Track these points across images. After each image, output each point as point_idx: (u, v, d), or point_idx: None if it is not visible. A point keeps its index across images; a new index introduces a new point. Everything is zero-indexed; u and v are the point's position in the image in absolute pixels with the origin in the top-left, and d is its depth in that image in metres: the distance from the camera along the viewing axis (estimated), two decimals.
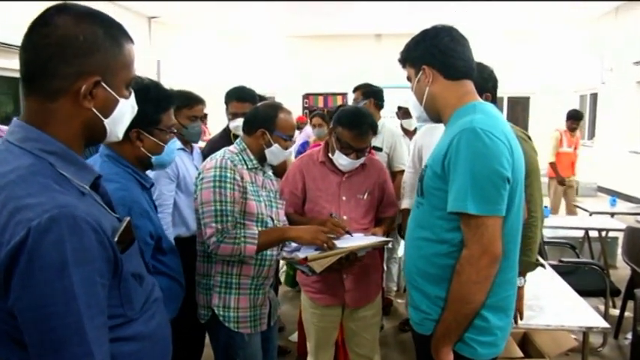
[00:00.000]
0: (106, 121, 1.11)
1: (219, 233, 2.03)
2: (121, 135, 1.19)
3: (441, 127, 1.79)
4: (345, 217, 2.50)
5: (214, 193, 2.04)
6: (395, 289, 4.78)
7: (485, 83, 1.76)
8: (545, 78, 12.74)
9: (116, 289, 1.06)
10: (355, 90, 4.16)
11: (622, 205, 7.23)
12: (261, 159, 2.24)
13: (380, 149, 3.80)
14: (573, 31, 12.16)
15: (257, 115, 2.23)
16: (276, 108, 2.24)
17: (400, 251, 4.60)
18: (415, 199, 1.78)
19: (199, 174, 2.14)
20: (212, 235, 2.03)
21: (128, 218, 1.12)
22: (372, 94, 4.04)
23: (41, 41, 1.01)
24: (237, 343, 2.15)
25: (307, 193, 2.58)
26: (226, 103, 3.27)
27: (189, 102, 2.90)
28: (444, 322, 1.60)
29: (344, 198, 2.54)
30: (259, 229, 2.14)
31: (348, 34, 13.11)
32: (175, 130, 1.90)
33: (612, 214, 5.79)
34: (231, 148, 2.23)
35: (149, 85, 1.82)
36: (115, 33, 1.10)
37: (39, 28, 1.02)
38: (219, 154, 2.17)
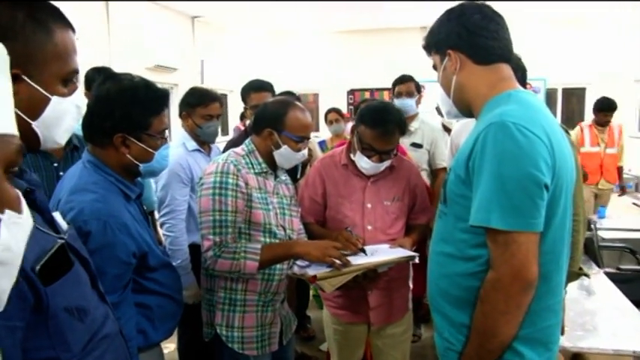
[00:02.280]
0: (35, 124, 0.93)
1: (217, 247, 1.83)
2: (61, 140, 1.00)
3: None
4: (369, 227, 2.23)
5: (214, 201, 1.84)
6: None
7: (514, 73, 1.52)
8: (602, 66, 11.84)
9: (42, 328, 0.88)
10: (401, 82, 3.66)
11: None
12: (272, 162, 2.03)
13: (420, 146, 3.52)
14: (633, 14, 11.34)
15: (265, 113, 2.01)
16: (286, 105, 2.00)
17: None
18: (439, 208, 1.51)
19: (200, 179, 1.95)
20: (209, 248, 1.83)
21: (61, 242, 0.93)
22: (419, 86, 3.73)
23: None
24: None
25: (328, 200, 2.32)
26: (244, 98, 3.05)
27: (203, 100, 2.72)
28: (466, 357, 1.34)
29: (369, 205, 2.26)
30: (267, 240, 1.93)
31: (393, 28, 12.74)
32: (166, 136, 1.70)
33: None
34: (238, 149, 2.02)
35: (138, 84, 1.62)
36: (43, 17, 0.91)
37: None
38: (222, 157, 1.97)
